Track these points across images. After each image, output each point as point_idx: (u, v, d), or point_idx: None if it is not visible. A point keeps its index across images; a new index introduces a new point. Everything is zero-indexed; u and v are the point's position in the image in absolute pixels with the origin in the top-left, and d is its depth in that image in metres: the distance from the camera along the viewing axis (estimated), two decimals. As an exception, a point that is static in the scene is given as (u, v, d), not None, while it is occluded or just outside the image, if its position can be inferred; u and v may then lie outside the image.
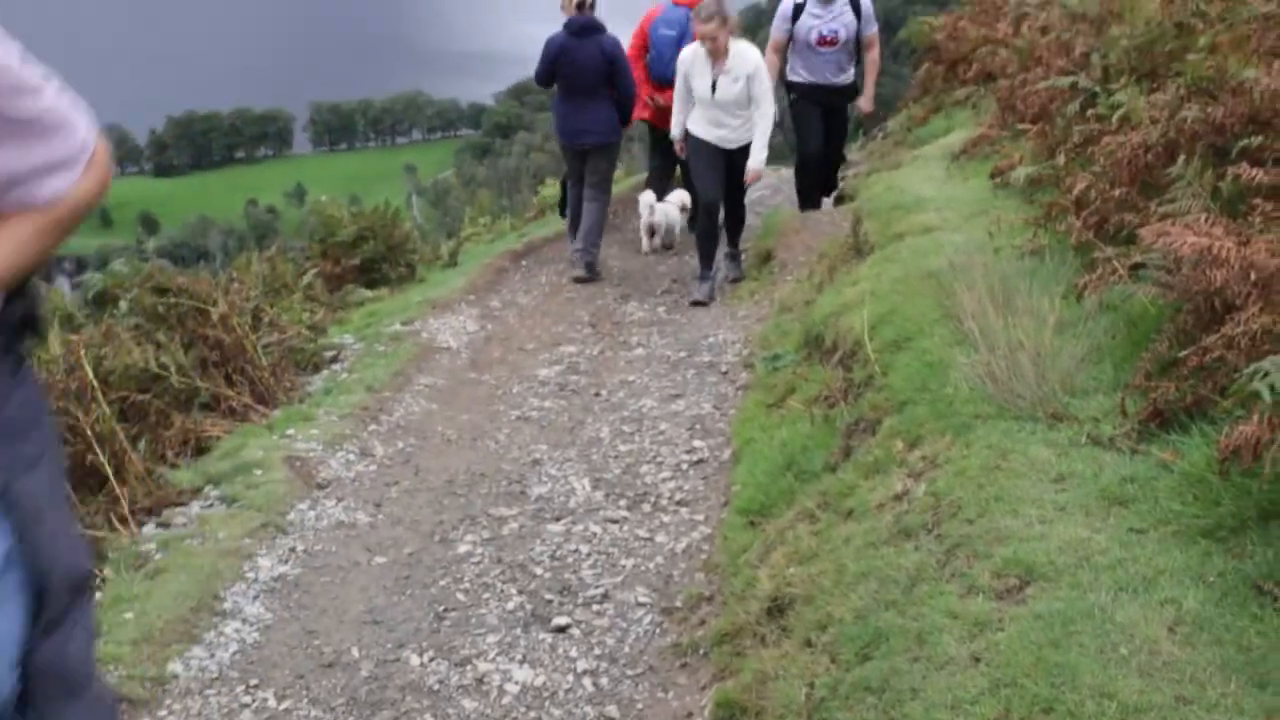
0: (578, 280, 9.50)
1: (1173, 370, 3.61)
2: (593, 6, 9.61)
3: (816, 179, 10.53)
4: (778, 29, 10.05)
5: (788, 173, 12.06)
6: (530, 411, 6.72)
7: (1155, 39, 6.31)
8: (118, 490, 5.61)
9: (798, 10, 9.94)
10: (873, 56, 10.22)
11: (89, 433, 5.78)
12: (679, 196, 10.51)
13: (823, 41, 9.84)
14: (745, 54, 8.58)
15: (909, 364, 4.66)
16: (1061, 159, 5.88)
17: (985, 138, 7.85)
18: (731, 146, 8.81)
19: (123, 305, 7.23)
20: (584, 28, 9.45)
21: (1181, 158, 4.57)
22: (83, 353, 6.13)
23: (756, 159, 8.68)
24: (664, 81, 9.94)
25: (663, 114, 9.94)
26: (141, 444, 6.02)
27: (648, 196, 10.31)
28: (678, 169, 10.57)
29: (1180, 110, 4.94)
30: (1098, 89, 6.31)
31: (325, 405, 6.62)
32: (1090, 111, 6.11)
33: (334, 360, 7.63)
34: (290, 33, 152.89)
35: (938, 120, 10.58)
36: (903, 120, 12.67)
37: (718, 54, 8.48)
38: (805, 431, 5.17)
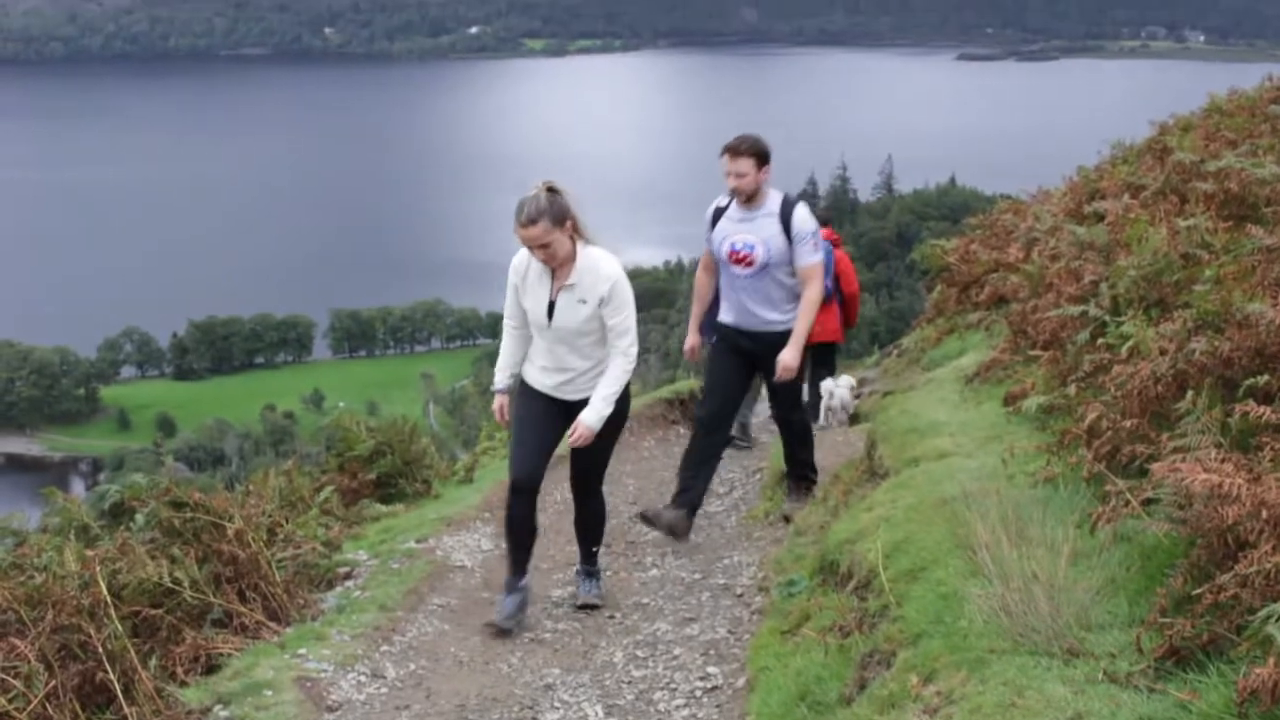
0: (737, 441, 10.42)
1: (1188, 607, 3.61)
2: None
3: (712, 452, 8.02)
4: (705, 240, 7.96)
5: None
6: (544, 634, 6.68)
7: (1162, 270, 6.45)
8: (126, 709, 5.56)
9: (718, 215, 7.83)
10: (809, 296, 7.69)
11: (100, 650, 5.76)
12: (848, 380, 11.89)
13: (735, 258, 7.67)
14: (598, 266, 6.34)
15: (924, 595, 4.66)
16: (1072, 389, 5.96)
17: (998, 362, 7.95)
18: (572, 398, 6.64)
19: (139, 518, 7.26)
20: None
21: (1190, 392, 4.64)
22: (98, 568, 6.14)
23: (593, 411, 6.46)
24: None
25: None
26: (152, 661, 5.99)
27: (828, 384, 11.57)
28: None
29: (1188, 342, 5.02)
30: (1107, 318, 6.42)
31: (338, 624, 6.59)
32: (1100, 340, 6.22)
33: (348, 577, 7.62)
34: (313, 241, 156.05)
35: (951, 341, 10.73)
36: (916, 339, 12.85)
37: (554, 264, 6.31)
38: (820, 661, 5.14)
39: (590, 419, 6.44)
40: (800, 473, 8.41)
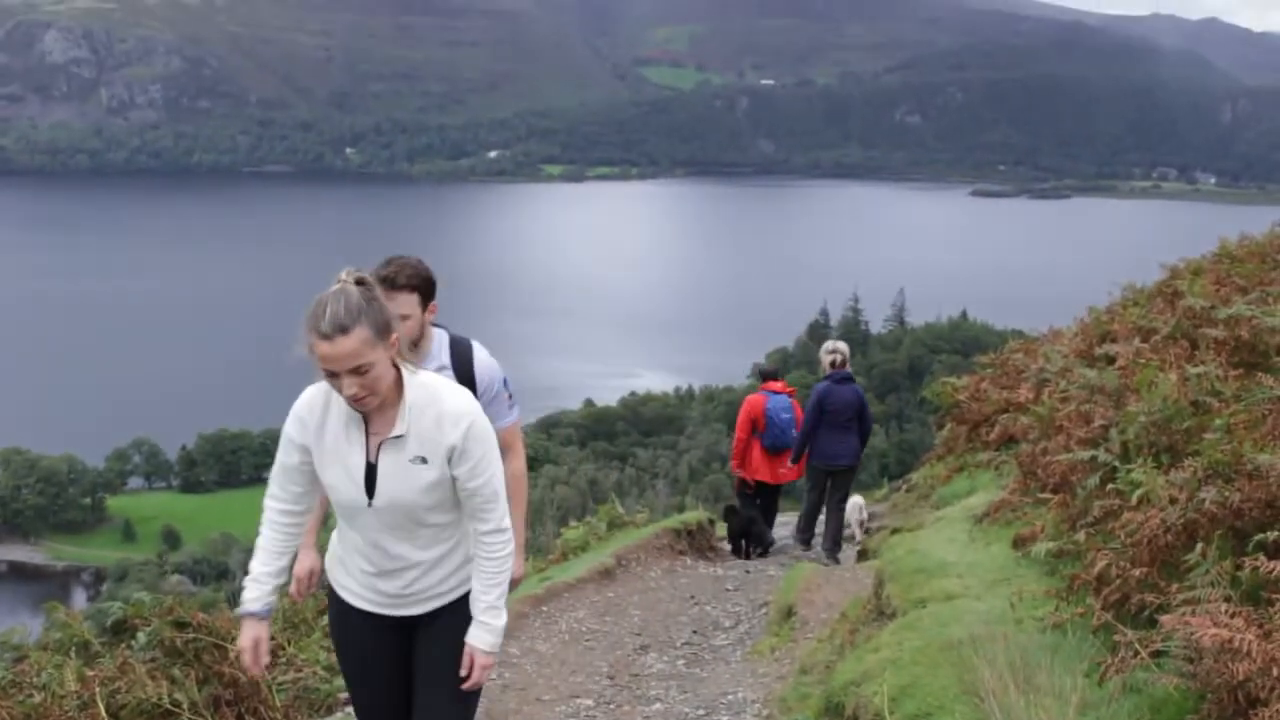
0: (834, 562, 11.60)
1: (1198, 764, 3.57)
2: (845, 364, 12.25)
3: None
4: None
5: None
6: (544, 768, 6.60)
7: (1172, 416, 6.44)
8: (118, 835, 5.50)
9: None
10: (515, 469, 5.28)
11: (95, 772, 5.71)
12: (860, 500, 13.35)
13: None
14: (440, 402, 4.05)
15: (930, 742, 4.60)
16: (1082, 534, 5.93)
17: (1007, 503, 7.91)
18: (417, 610, 4.29)
19: (141, 637, 7.22)
20: (843, 378, 12.14)
21: (1200, 543, 4.62)
22: (97, 689, 6.10)
23: (485, 630, 4.19)
24: (781, 449, 12.78)
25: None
26: (146, 785, 5.93)
27: (858, 499, 13.07)
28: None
29: (1198, 492, 5.01)
30: (1117, 463, 6.41)
31: (336, 752, 6.53)
32: (1110, 486, 6.19)
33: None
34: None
35: (961, 480, 10.70)
36: (926, 476, 12.83)
37: (372, 404, 3.99)
38: (824, 805, 5.07)
39: (485, 641, 4.18)
40: None
